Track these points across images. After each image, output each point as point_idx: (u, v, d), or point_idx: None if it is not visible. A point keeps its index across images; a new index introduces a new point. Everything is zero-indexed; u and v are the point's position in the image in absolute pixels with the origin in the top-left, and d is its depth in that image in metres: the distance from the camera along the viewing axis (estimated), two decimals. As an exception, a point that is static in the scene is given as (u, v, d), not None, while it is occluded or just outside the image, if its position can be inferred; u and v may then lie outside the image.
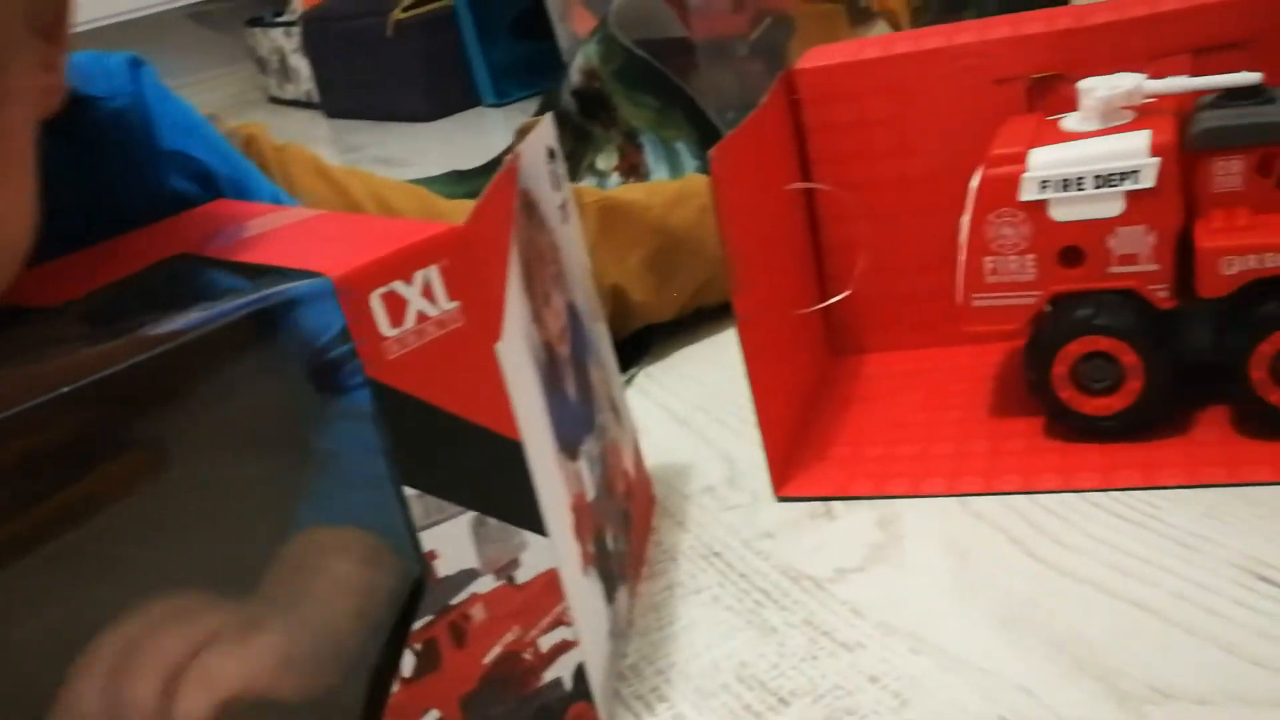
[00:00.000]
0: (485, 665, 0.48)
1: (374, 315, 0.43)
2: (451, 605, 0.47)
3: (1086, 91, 0.66)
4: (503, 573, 0.48)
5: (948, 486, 0.67)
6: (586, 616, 0.53)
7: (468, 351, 0.46)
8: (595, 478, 0.59)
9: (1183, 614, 0.53)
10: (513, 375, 0.48)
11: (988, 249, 0.67)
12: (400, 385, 0.44)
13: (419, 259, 0.44)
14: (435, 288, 0.45)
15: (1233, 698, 0.48)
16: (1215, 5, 0.69)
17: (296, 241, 0.49)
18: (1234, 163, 0.62)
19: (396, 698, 0.46)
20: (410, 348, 0.44)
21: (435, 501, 0.46)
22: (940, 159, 0.77)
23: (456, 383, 0.46)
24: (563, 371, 0.56)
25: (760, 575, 0.63)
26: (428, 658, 0.46)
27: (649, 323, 0.97)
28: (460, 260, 0.45)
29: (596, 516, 0.58)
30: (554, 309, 0.57)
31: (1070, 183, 0.64)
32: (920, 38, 0.77)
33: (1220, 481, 0.62)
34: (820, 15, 1.39)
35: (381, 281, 0.43)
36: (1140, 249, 0.64)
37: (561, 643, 0.51)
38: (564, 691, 0.52)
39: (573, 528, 0.54)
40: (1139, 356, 0.64)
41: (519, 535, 0.49)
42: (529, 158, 0.56)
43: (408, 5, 2.17)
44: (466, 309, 0.46)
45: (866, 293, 0.82)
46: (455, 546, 0.47)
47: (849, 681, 0.54)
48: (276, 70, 2.74)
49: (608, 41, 1.38)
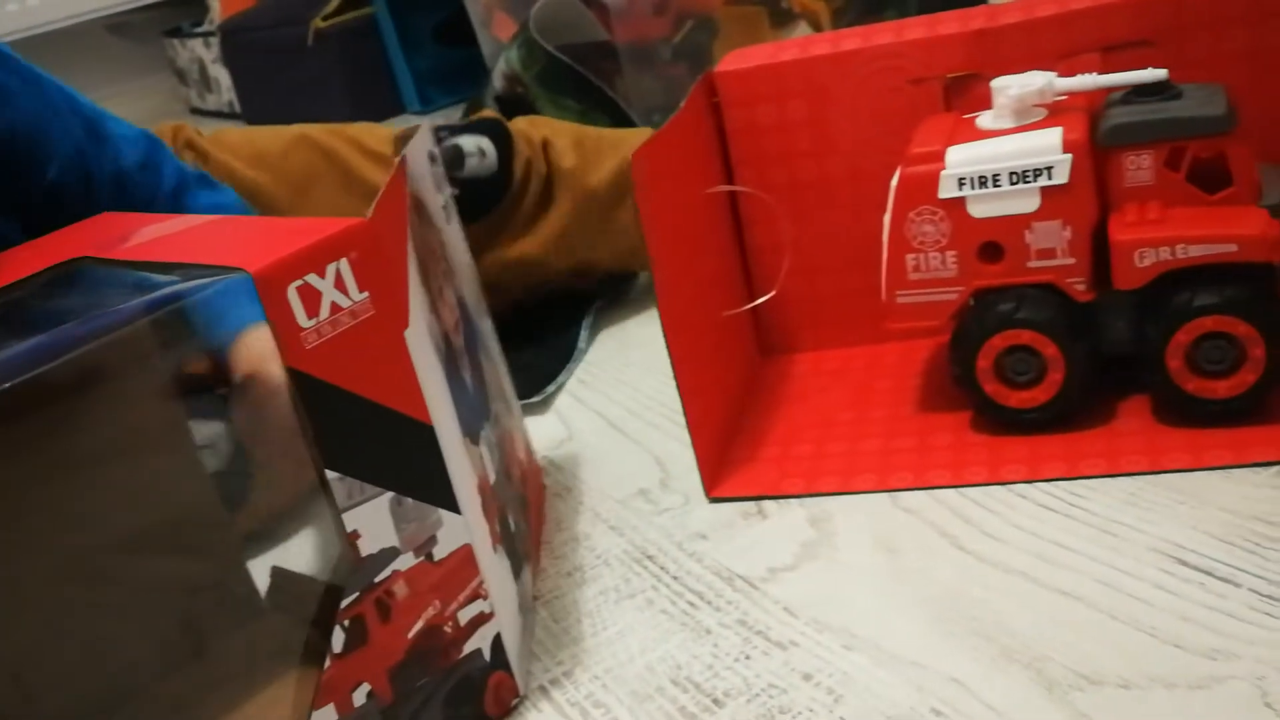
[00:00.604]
0: (410, 639, 0.51)
1: (291, 307, 0.45)
2: (376, 583, 0.49)
3: (1000, 90, 0.67)
4: (421, 550, 0.51)
5: (877, 482, 0.67)
6: (499, 591, 0.56)
7: (379, 340, 0.48)
8: (495, 462, 0.61)
9: (1107, 600, 0.55)
10: (421, 362, 0.50)
11: (909, 246, 0.68)
12: (318, 374, 0.46)
13: (330, 252, 0.46)
14: (346, 279, 0.47)
15: (1156, 680, 0.49)
16: (1123, 4, 0.71)
17: (206, 242, 0.51)
18: (1144, 157, 0.63)
19: (328, 673, 0.48)
20: (326, 337, 0.46)
21: (356, 484, 0.48)
22: (860, 159, 0.78)
23: (371, 370, 0.48)
24: (460, 361, 0.58)
25: (694, 577, 0.63)
26: (356, 633, 0.49)
27: (575, 195, 1.03)
28: (368, 253, 0.48)
29: (499, 499, 0.60)
30: (447, 302, 0.59)
31: (987, 180, 0.65)
32: (838, 39, 0.78)
33: (1141, 470, 0.63)
34: (742, 17, 1.40)
35: (297, 274, 0.45)
36: (1057, 243, 0.65)
37: (479, 615, 0.54)
38: (484, 662, 0.54)
39: (481, 508, 0.56)
40: (1059, 349, 0.66)
41: (435, 513, 0.51)
42: (414, 161, 0.58)
43: (328, 13, 2.15)
44: (376, 299, 0.48)
45: (793, 293, 0.83)
46: (376, 526, 0.49)
47: (783, 680, 0.54)
48: (197, 81, 2.71)
49: (529, 46, 1.38)
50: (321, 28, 2.15)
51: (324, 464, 0.47)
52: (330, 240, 0.46)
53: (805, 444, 0.73)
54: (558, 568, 0.67)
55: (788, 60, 0.78)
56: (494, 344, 0.70)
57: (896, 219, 0.68)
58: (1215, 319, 0.62)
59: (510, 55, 1.41)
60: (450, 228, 0.64)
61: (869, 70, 0.76)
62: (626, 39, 1.37)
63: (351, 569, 0.48)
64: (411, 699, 0.51)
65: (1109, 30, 0.71)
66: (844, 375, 0.81)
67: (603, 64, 1.36)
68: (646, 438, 0.80)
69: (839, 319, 0.84)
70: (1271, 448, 0.62)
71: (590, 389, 0.90)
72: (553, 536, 0.70)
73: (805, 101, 0.78)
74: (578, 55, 1.35)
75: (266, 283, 0.44)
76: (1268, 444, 0.62)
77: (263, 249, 0.46)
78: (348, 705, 0.49)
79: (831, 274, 0.82)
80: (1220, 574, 0.54)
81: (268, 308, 0.44)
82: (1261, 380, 0.62)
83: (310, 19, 2.15)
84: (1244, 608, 0.52)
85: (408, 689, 0.51)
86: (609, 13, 1.37)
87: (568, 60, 1.34)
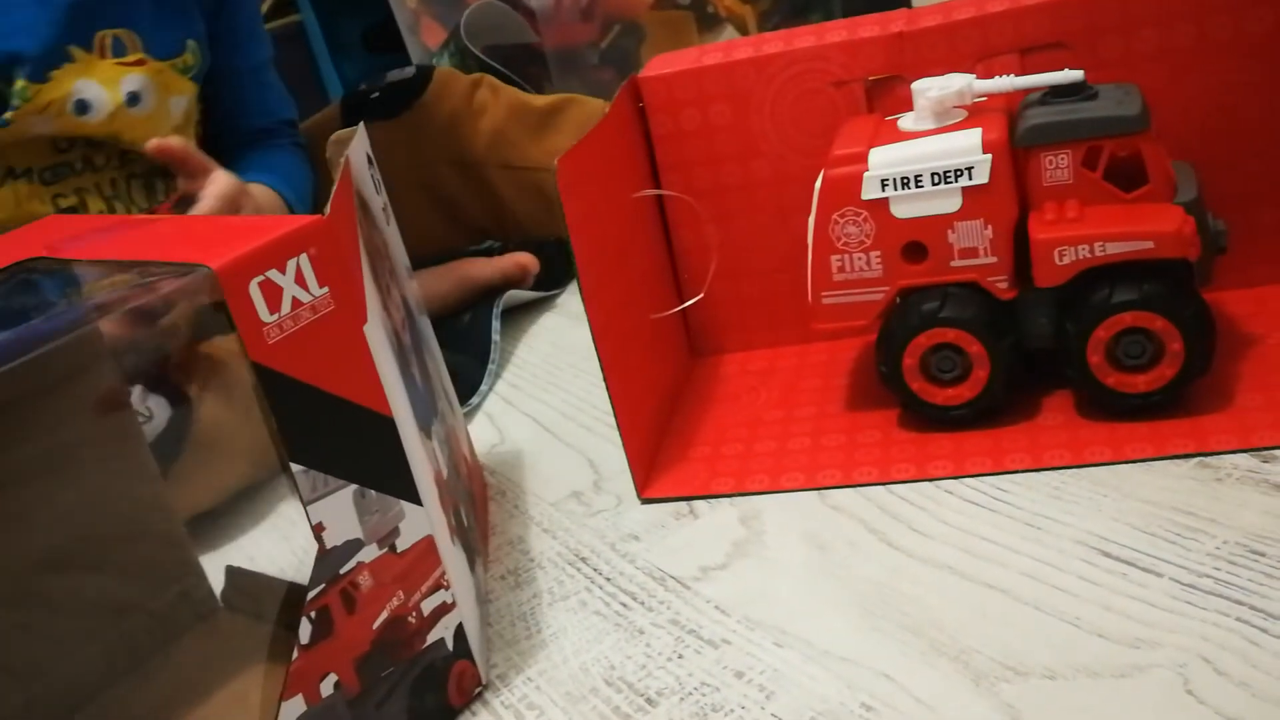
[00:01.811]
0: (375, 630, 0.52)
1: (254, 302, 0.46)
2: (341, 574, 0.50)
3: (920, 92, 0.68)
4: (385, 541, 0.51)
5: (806, 480, 0.68)
6: (459, 581, 0.56)
7: (339, 334, 0.49)
8: (445, 457, 0.62)
9: (1032, 592, 0.55)
10: (379, 356, 0.51)
11: (834, 248, 0.68)
12: (281, 368, 0.47)
13: (290, 248, 0.47)
14: (307, 275, 0.47)
15: (1080, 670, 0.50)
16: (1038, 7, 0.72)
17: (166, 239, 0.52)
18: (1062, 157, 0.64)
19: (296, 664, 0.48)
20: (288, 332, 0.47)
21: (320, 476, 0.49)
22: (784, 161, 0.79)
23: (331, 364, 0.49)
24: (409, 358, 0.59)
25: (626, 578, 0.64)
26: (322, 625, 0.49)
27: (510, 104, 1.15)
28: (326, 248, 0.48)
29: (452, 493, 0.61)
30: (394, 300, 0.59)
31: (909, 180, 0.66)
32: (760, 43, 0.79)
33: (1064, 464, 0.64)
34: (669, 22, 1.40)
35: (259, 270, 0.46)
36: (979, 242, 0.66)
37: (441, 605, 0.55)
38: (447, 651, 0.55)
39: (439, 500, 0.56)
40: (983, 346, 0.67)
41: (397, 505, 0.52)
42: (356, 162, 0.58)
43: (255, 20, 2.14)
44: (335, 294, 0.48)
45: (720, 295, 0.84)
46: (340, 518, 0.49)
47: (715, 678, 0.55)
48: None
49: (461, 54, 1.38)
50: (248, 35, 2.13)
51: (289, 457, 0.47)
52: (290, 236, 0.47)
53: (735, 444, 0.74)
54: (492, 571, 0.67)
55: (711, 64, 0.78)
56: (434, 344, 0.70)
57: (821, 221, 0.68)
58: (1134, 314, 0.63)
59: (440, 61, 1.40)
60: (390, 229, 0.65)
61: (791, 73, 0.77)
62: (554, 43, 1.37)
63: (316, 561, 0.49)
64: (377, 689, 0.52)
65: (1025, 33, 0.72)
66: (772, 375, 0.81)
67: (532, 69, 1.36)
68: (578, 440, 0.80)
69: (767, 320, 0.84)
70: (1190, 440, 0.63)
71: (521, 392, 0.90)
72: (487, 541, 0.70)
73: (729, 105, 0.79)
74: (506, 58, 1.35)
75: (229, 278, 0.45)
76: (1187, 436, 0.63)
77: (223, 245, 0.46)
78: (315, 696, 0.50)
79: (758, 276, 0.83)
80: (1142, 564, 0.55)
81: (230, 303, 0.45)
82: (1180, 374, 0.64)
83: (237, 26, 2.13)
84: (1166, 597, 0.53)
85: (374, 679, 0.52)
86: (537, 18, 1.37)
87: (497, 66, 1.34)
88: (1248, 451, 0.61)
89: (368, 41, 2.17)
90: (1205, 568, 0.54)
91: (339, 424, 0.49)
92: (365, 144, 0.63)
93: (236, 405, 0.48)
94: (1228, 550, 0.55)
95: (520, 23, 1.39)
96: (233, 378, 0.47)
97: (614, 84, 1.27)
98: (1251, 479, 0.59)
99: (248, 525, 0.68)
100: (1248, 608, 0.51)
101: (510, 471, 0.78)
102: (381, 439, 0.51)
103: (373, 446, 0.51)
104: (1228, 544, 0.55)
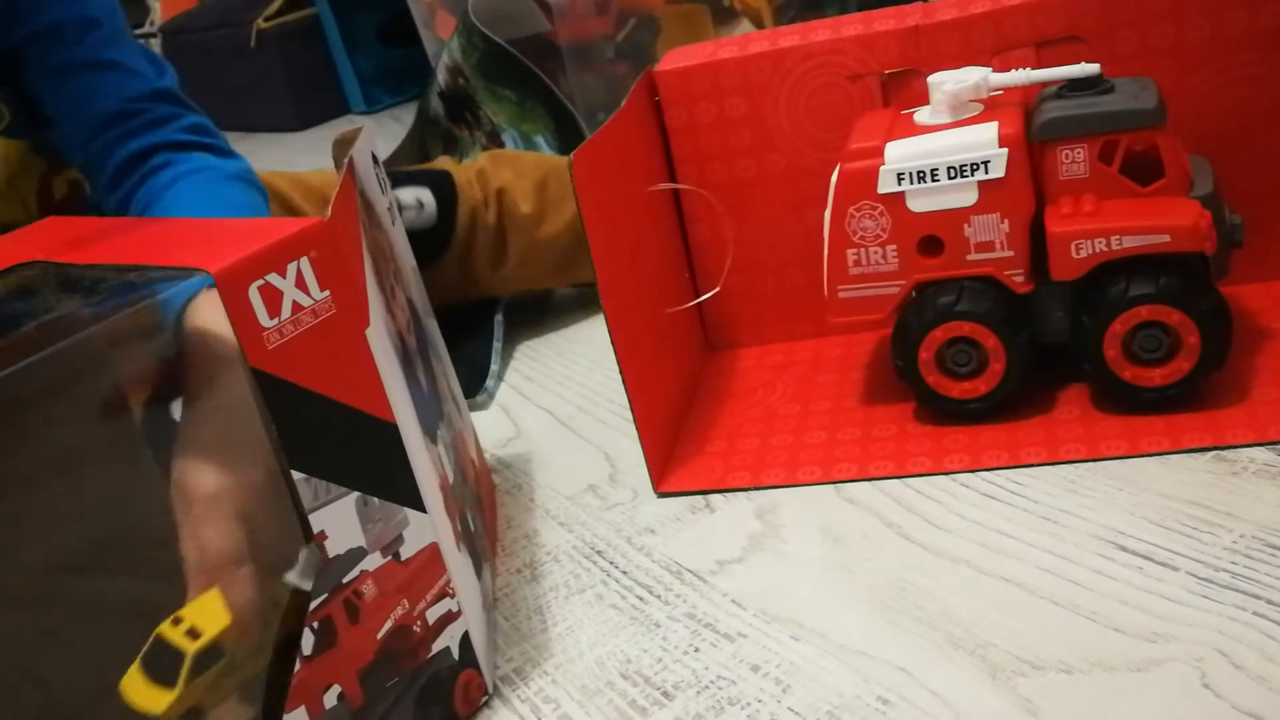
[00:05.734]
0: (379, 640, 0.51)
1: (253, 307, 0.45)
2: (344, 583, 0.49)
3: (936, 85, 0.68)
4: (389, 549, 0.51)
5: (822, 474, 0.68)
6: (465, 589, 0.56)
7: (341, 339, 0.48)
8: (451, 462, 0.61)
9: (1048, 586, 0.55)
10: (382, 361, 0.50)
11: (850, 241, 0.68)
12: (281, 373, 0.46)
13: (291, 251, 0.46)
14: (308, 278, 0.47)
15: (1096, 664, 0.50)
16: (1055, 1, 0.72)
17: (164, 243, 0.51)
18: (1078, 151, 0.64)
19: (299, 675, 0.48)
20: (288, 337, 0.46)
21: (321, 484, 0.48)
22: (800, 155, 0.79)
23: (333, 369, 0.48)
24: (414, 362, 0.58)
25: (642, 571, 0.64)
26: (325, 635, 0.49)
27: (524, 245, 1.02)
28: (327, 252, 0.47)
29: (458, 498, 0.60)
30: (399, 303, 0.59)
31: (926, 174, 0.66)
32: (776, 37, 0.79)
33: (1080, 458, 0.64)
34: (684, 15, 1.40)
35: (258, 274, 0.45)
36: (995, 236, 0.66)
37: (447, 614, 0.54)
38: (452, 660, 0.54)
39: (444, 506, 0.56)
40: (999, 340, 0.66)
41: (400, 513, 0.51)
42: (359, 163, 0.58)
43: (270, 14, 2.14)
44: (337, 298, 0.48)
45: (736, 289, 0.84)
46: (343, 526, 0.49)
47: (731, 671, 0.55)
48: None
49: (469, 33, 1.37)
50: (264, 29, 2.14)
51: (289, 465, 0.46)
52: (290, 240, 0.46)
53: (751, 438, 0.74)
54: (508, 565, 0.67)
55: (726, 58, 0.78)
56: (441, 346, 0.70)
57: (837, 214, 0.68)
58: (1150, 308, 0.63)
59: (451, 46, 1.40)
60: (396, 229, 0.64)
61: (807, 67, 0.77)
62: (569, 38, 1.37)
63: (319, 570, 0.48)
64: (382, 700, 0.51)
65: (1041, 26, 0.72)
66: (788, 369, 0.82)
67: (547, 63, 1.36)
68: (594, 434, 0.80)
69: (782, 314, 0.84)
70: (1207, 433, 0.63)
71: (537, 385, 0.90)
72: (503, 534, 0.71)
73: (744, 99, 0.79)
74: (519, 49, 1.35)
75: (228, 283, 0.44)
76: (1203, 430, 0.63)
77: (222, 249, 0.46)
78: (318, 707, 0.49)
79: (774, 270, 0.83)
80: (1158, 558, 0.56)
81: (229, 308, 0.44)
82: (1196, 367, 0.64)
83: (252, 20, 2.14)
84: (1182, 591, 0.53)
85: (378, 690, 0.51)
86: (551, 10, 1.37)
87: (503, 43, 1.33)
88: (1264, 445, 0.61)
89: (383, 35, 2.18)
90: (1222, 561, 0.54)
91: (341, 430, 0.48)
92: (370, 143, 0.63)
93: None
94: (1244, 544, 0.55)
95: (532, 9, 1.39)
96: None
97: (629, 78, 1.26)
98: (1268, 472, 0.59)
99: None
100: (1264, 601, 0.51)
101: (526, 465, 0.78)
102: (384, 445, 0.50)
103: (375, 453, 0.50)
104: (1244, 538, 0.55)
